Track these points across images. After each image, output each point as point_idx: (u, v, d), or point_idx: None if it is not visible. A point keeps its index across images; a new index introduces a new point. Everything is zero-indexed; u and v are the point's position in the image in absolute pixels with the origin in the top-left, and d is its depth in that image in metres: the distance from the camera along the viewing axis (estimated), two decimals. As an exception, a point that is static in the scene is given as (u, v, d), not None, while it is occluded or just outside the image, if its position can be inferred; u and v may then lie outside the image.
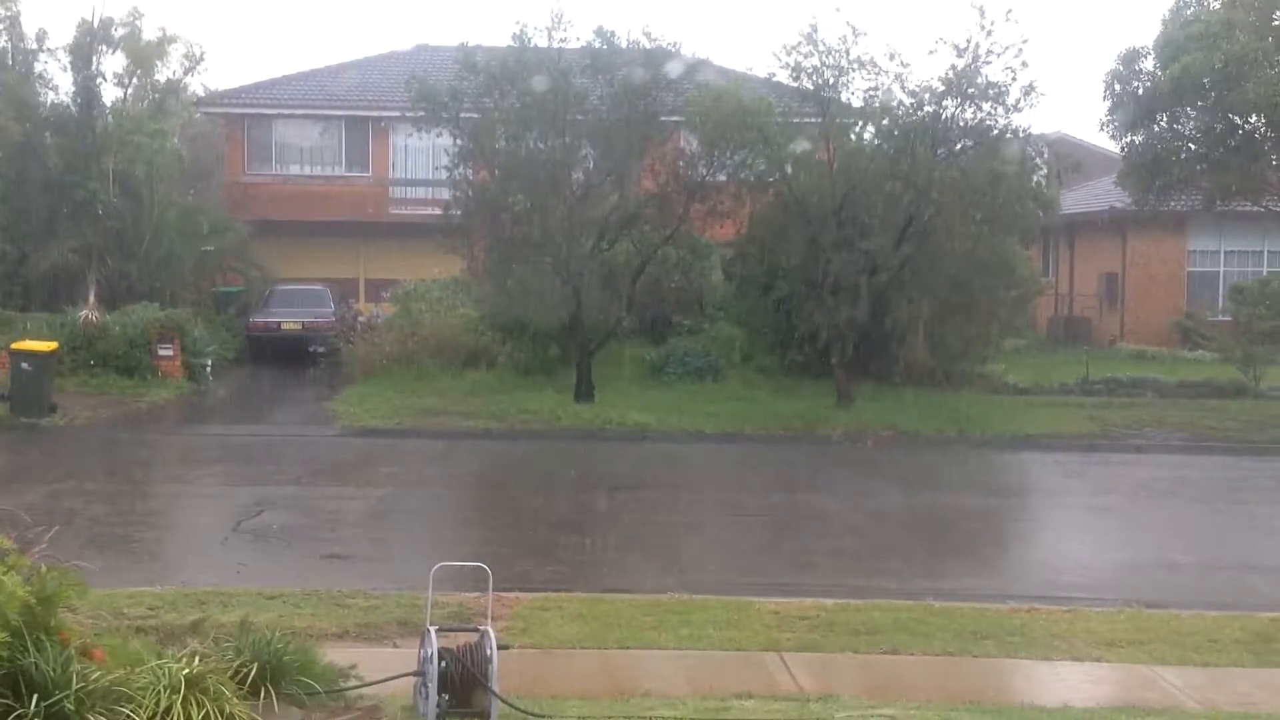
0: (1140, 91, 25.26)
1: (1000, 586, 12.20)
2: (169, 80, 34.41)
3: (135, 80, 33.33)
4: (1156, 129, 25.46)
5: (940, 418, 23.21)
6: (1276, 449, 21.96)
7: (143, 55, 32.88)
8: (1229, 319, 30.00)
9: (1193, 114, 24.61)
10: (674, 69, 24.78)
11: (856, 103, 24.72)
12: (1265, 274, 32.90)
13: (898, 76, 23.90)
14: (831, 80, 24.14)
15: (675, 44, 24.83)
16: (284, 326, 31.14)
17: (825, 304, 24.25)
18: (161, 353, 26.57)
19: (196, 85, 36.45)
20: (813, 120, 24.97)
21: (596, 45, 24.61)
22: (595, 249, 24.62)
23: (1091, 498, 18.25)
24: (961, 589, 11.96)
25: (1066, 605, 11.07)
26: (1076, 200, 34.85)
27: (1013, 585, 12.32)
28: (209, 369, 27.48)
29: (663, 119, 24.97)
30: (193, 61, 34.58)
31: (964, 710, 7.80)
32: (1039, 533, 16.44)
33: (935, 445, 21.93)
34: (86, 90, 31.49)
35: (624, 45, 24.59)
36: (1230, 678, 9.05)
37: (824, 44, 23.95)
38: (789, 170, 24.78)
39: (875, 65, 23.85)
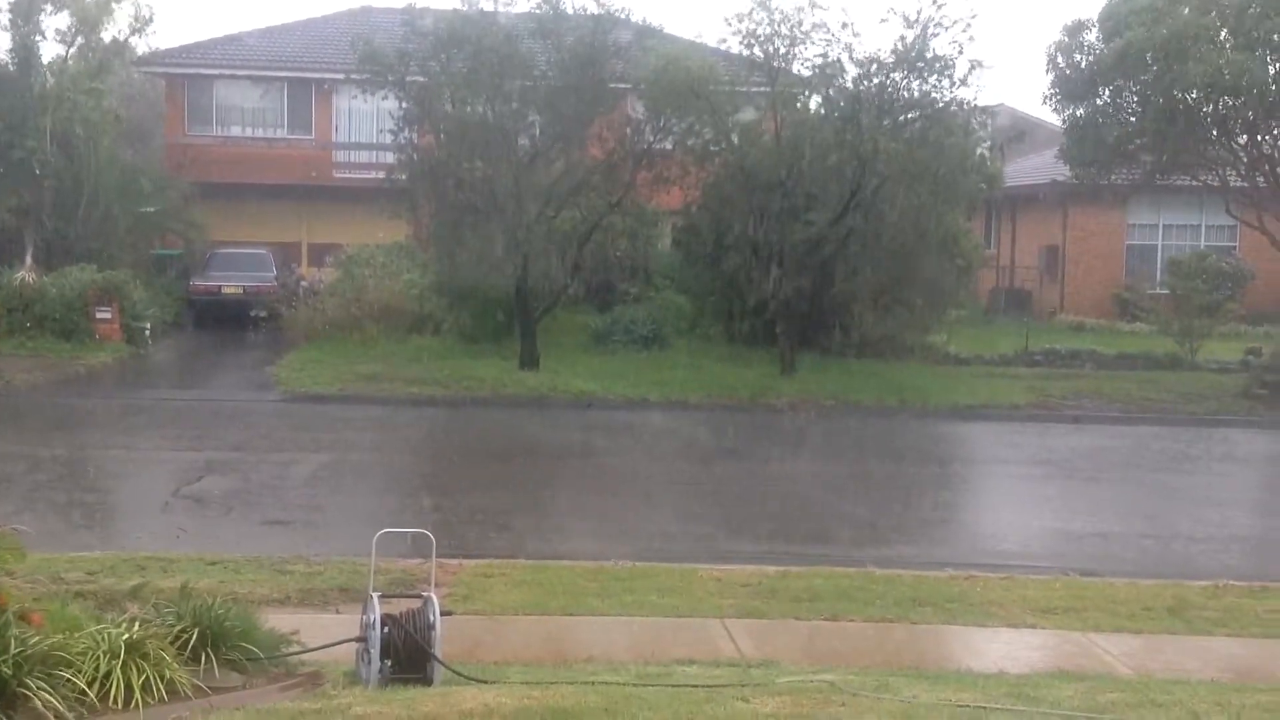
0: (1083, 65, 25.47)
1: (939, 554, 12.36)
2: (114, 40, 33.77)
3: (80, 39, 32.67)
4: (1098, 102, 25.68)
5: (883, 388, 23.40)
6: (1211, 420, 22.34)
7: (88, 14, 32.24)
8: (1167, 292, 30.44)
9: (1134, 88, 24.84)
10: (622, 35, 24.68)
11: (805, 72, 24.76)
12: (1202, 248, 33.41)
13: (847, 46, 24.02)
14: (783, 49, 24.16)
15: (624, 10, 24.73)
16: (225, 290, 30.81)
17: (771, 274, 24.33)
18: (100, 315, 26.22)
19: (142, 45, 35.83)
20: (761, 89, 24.99)
21: (544, 10, 24.44)
22: (541, 215, 24.53)
23: (1029, 467, 18.50)
24: (901, 556, 12.10)
25: (1004, 573, 11.23)
26: (1019, 172, 35.15)
27: (951, 553, 12.49)
28: (148, 332, 27.15)
29: (611, 85, 24.86)
30: (141, 22, 33.94)
31: (903, 675, 7.90)
32: (978, 502, 16.66)
33: (877, 415, 22.11)
34: (24, 48, 30.86)
35: (571, 11, 24.44)
36: (1162, 644, 9.23)
37: (779, 11, 23.99)
38: (735, 139, 24.82)
39: (829, 31, 23.92)
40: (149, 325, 27.26)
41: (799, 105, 25.62)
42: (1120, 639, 9.27)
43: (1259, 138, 24.30)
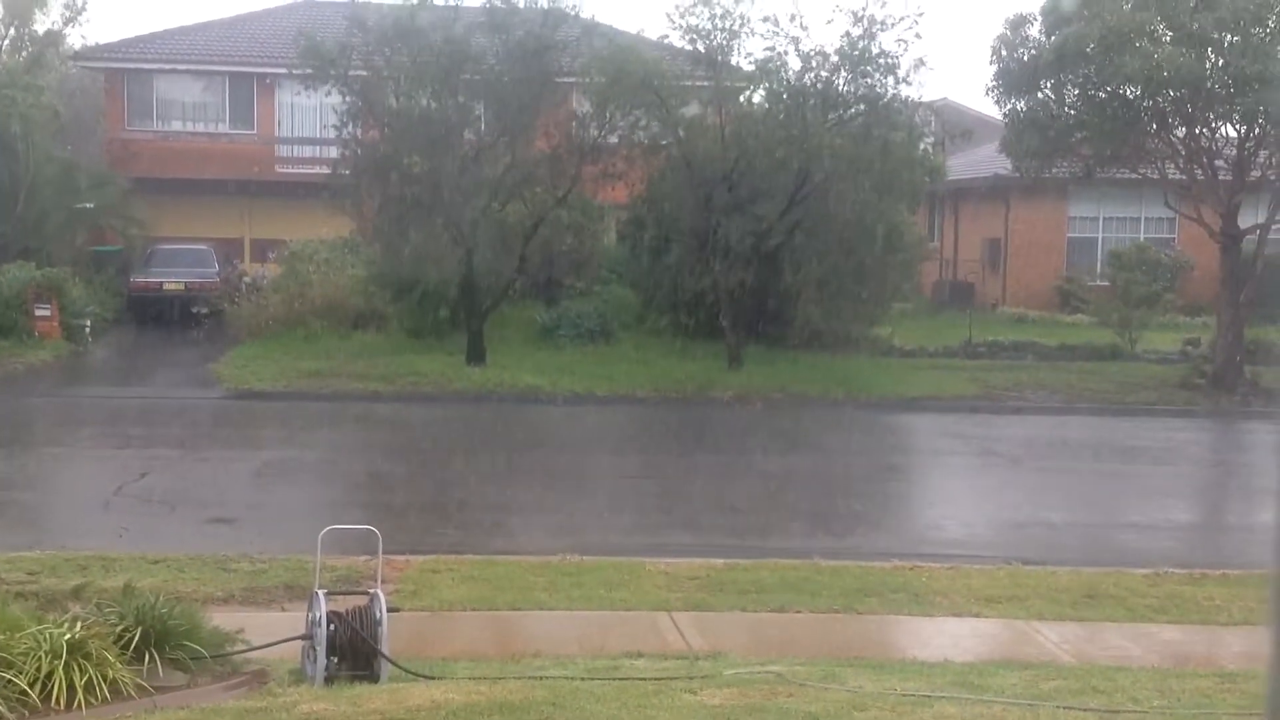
0: (1025, 58, 25.66)
1: (884, 545, 12.45)
2: (48, 32, 33.31)
3: (12, 31, 32.19)
4: (1040, 96, 25.89)
5: (828, 380, 23.53)
6: (1150, 410, 22.63)
7: (18, 5, 31.77)
8: (1107, 284, 30.80)
9: (1075, 82, 25.06)
10: (570, 30, 24.65)
11: (748, 66, 24.86)
12: (1142, 240, 33.84)
13: (793, 39, 24.11)
14: (724, 43, 24.23)
15: (574, 5, 24.74)
16: (166, 287, 30.44)
17: (717, 267, 24.40)
18: (39, 313, 25.84)
19: (76, 38, 35.40)
20: (705, 84, 25.06)
21: (493, 3, 24.34)
22: (487, 209, 24.44)
23: (973, 458, 18.68)
24: (847, 548, 12.18)
25: (948, 563, 11.33)
26: (962, 166, 35.43)
27: (896, 544, 12.59)
28: (88, 330, 26.80)
29: (558, 80, 24.83)
30: (74, 12, 33.51)
31: (849, 665, 7.96)
32: (922, 492, 16.80)
33: (823, 407, 22.23)
34: (-44, 42, 30.41)
35: (520, 4, 24.36)
36: (1104, 632, 9.35)
37: (719, 5, 24.03)
38: (682, 134, 24.87)
39: (776, 23, 24.03)
40: (89, 323, 26.91)
41: (743, 100, 25.70)
42: (1063, 627, 9.38)
43: (1196, 131, 24.60)
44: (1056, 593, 10.26)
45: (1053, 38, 24.55)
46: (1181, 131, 24.90)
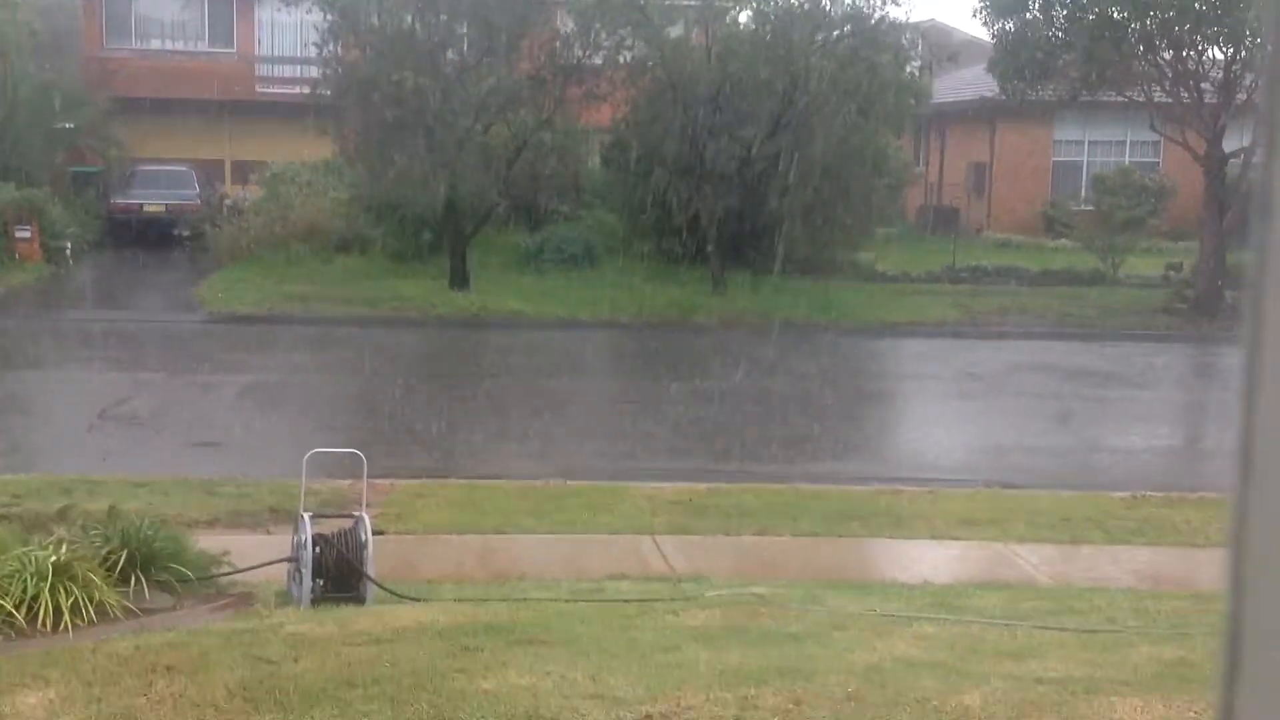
0: (1015, -21, 25.45)
1: (865, 469, 12.55)
2: (24, -53, 32.66)
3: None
4: (1028, 16, 25.71)
5: (811, 305, 23.54)
6: (1131, 334, 22.73)
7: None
8: (1091, 209, 30.77)
9: (1064, 3, 24.88)
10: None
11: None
12: (1127, 164, 33.76)
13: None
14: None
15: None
16: (146, 209, 30.19)
17: (702, 192, 24.29)
18: (19, 235, 25.65)
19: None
20: (692, 3, 24.80)
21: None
22: (471, 131, 24.24)
23: (954, 383, 18.76)
24: (828, 472, 12.27)
25: (928, 486, 11.43)
26: (947, 88, 35.20)
27: (877, 468, 12.69)
28: (69, 252, 26.62)
29: (541, 0, 24.57)
30: (50, -72, 32.86)
31: (830, 586, 8.06)
32: (903, 417, 16.89)
33: (806, 332, 22.26)
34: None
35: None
36: (1081, 554, 9.48)
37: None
38: (667, 54, 24.63)
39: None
40: (69, 245, 26.72)
41: (729, 20, 25.45)
42: (1041, 549, 9.50)
43: (1184, 53, 24.48)
44: (1035, 516, 10.37)
45: (1042, -41, 24.34)
46: (1168, 54, 24.77)
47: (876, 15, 23.64)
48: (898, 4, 23.59)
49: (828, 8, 23.75)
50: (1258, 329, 0.54)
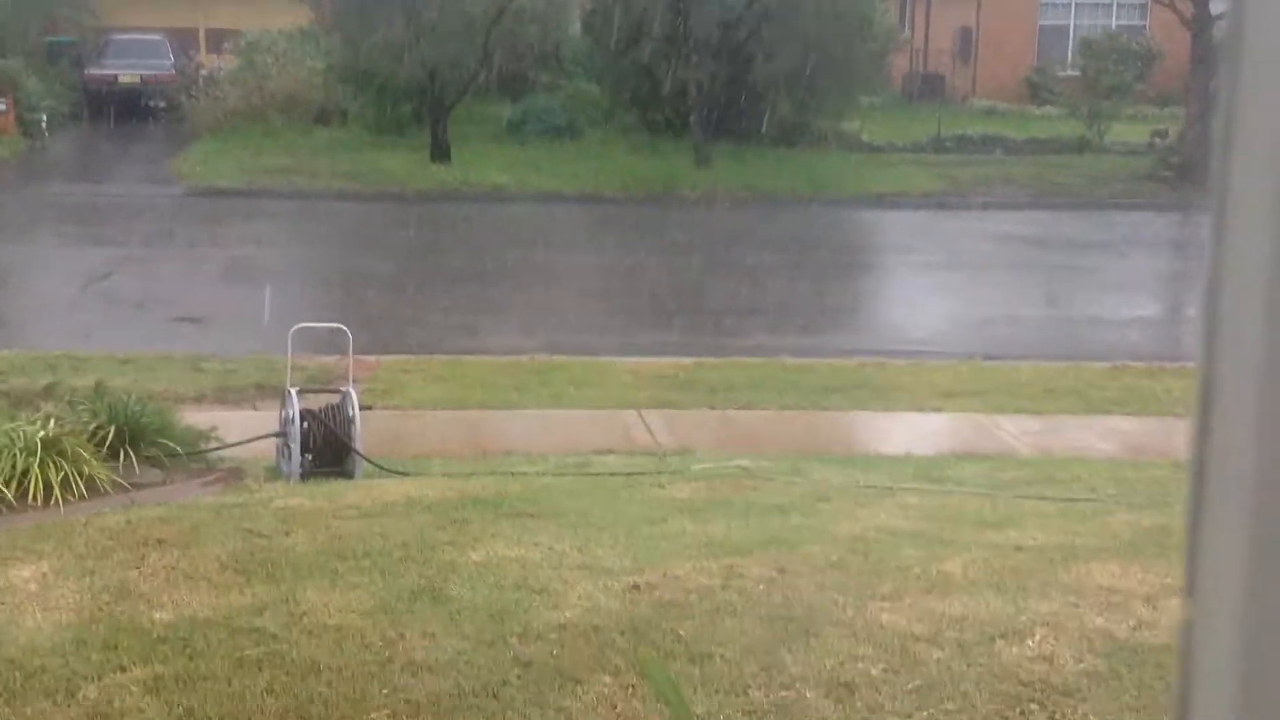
0: None
1: (849, 342, 12.61)
2: None
3: None
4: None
5: (796, 177, 23.39)
6: (1116, 203, 22.68)
7: None
8: (1078, 74, 30.46)
9: None
10: None
11: None
12: (1114, 27, 33.31)
13: None
14: None
15: None
16: (121, 80, 29.64)
17: (685, 60, 23.95)
18: (-7, 108, 25.26)
19: None
20: None
21: None
22: (449, -2, 23.77)
23: (938, 255, 18.75)
24: (812, 345, 12.32)
25: (911, 359, 11.50)
26: (935, -49, 34.61)
27: (861, 341, 12.75)
28: (45, 125, 26.21)
29: None
30: None
31: (814, 459, 8.15)
32: (887, 290, 16.92)
33: (791, 204, 22.16)
34: None
35: None
36: (1062, 424, 9.58)
37: None
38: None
39: None
40: (45, 117, 26.29)
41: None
42: (1022, 420, 9.60)
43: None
44: (1016, 387, 10.46)
45: None
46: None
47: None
48: None
49: None
50: (1224, 189, 0.54)
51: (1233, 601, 0.53)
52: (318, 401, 7.73)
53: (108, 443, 7.13)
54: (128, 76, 29.61)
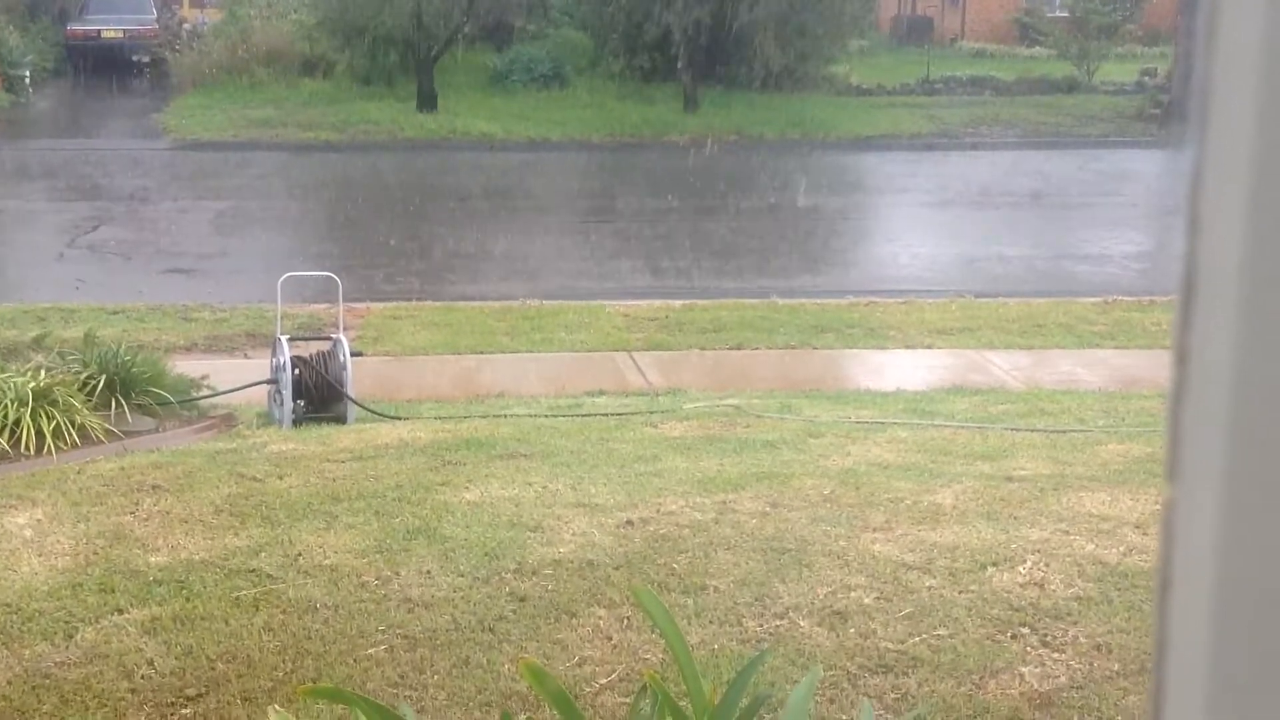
0: None
1: (840, 282, 12.61)
2: None
3: None
4: None
5: (785, 121, 23.31)
6: (1105, 142, 22.66)
7: None
8: (1066, 14, 30.31)
9: None
10: None
11: None
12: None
13: None
14: None
15: None
16: (104, 34, 29.37)
17: (672, 6, 23.79)
18: (-25, 65, 25.05)
19: None
20: None
21: None
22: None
23: (927, 195, 18.72)
24: (804, 286, 12.32)
25: (902, 298, 11.50)
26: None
27: (851, 281, 12.75)
28: (28, 80, 26.00)
29: None
30: None
31: (805, 397, 8.17)
32: (876, 231, 16.89)
33: (779, 149, 22.10)
34: None
35: None
36: (1052, 358, 9.60)
37: None
38: None
39: None
40: (28, 73, 26.08)
41: None
42: (1012, 355, 9.62)
43: None
44: (1007, 323, 10.47)
45: None
46: None
47: None
48: None
49: None
50: (1204, 125, 0.55)
51: (1213, 481, 0.54)
52: (310, 349, 7.73)
53: (98, 391, 7.13)
54: (111, 31, 29.33)
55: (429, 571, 4.91)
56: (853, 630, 4.40)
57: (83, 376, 7.11)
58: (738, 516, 5.44)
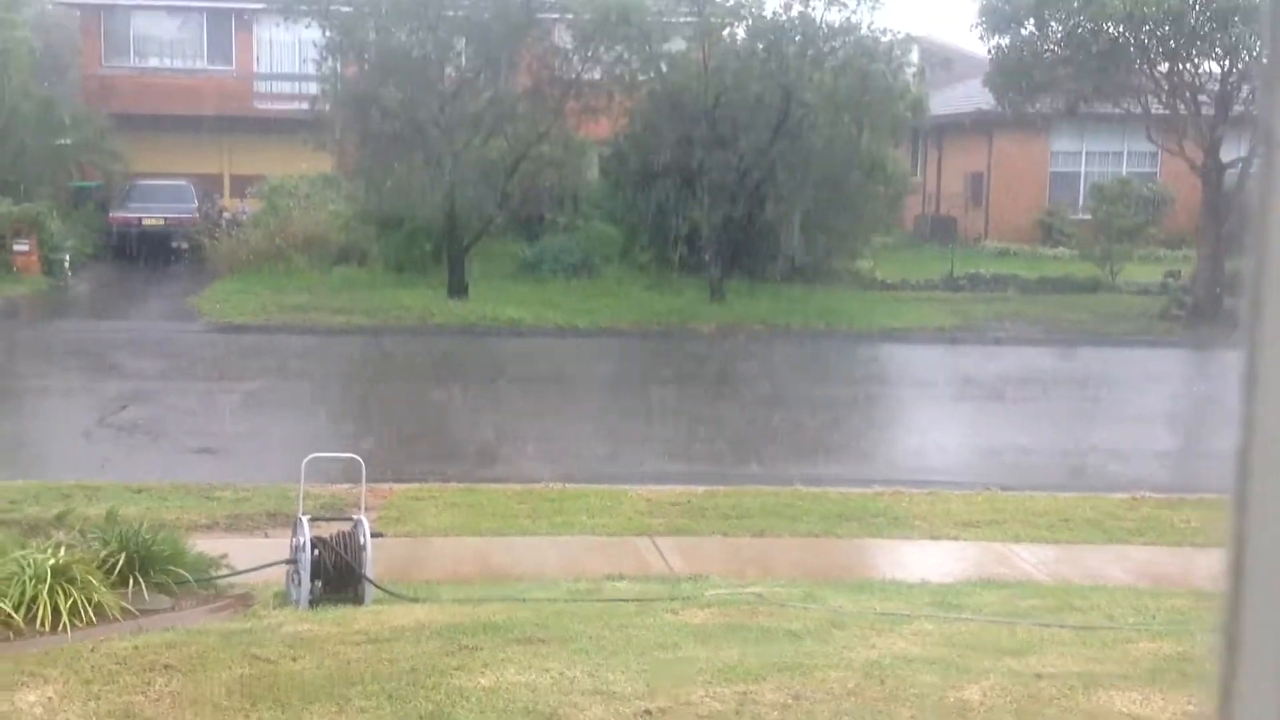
0: (1010, -6, 25.53)
1: (864, 472, 12.54)
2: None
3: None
4: (1024, 33, 25.80)
5: (809, 312, 23.56)
6: (1128, 340, 22.73)
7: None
8: (1089, 217, 30.81)
9: (1059, 18, 24.97)
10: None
11: (730, 2, 24.77)
12: (1125, 174, 33.77)
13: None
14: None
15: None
16: (145, 222, 30.19)
17: (700, 202, 24.35)
18: (17, 248, 25.69)
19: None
20: (689, 19, 24.92)
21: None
22: (469, 145, 24.28)
23: (953, 388, 18.76)
24: (827, 475, 12.25)
25: (927, 489, 11.42)
26: (944, 102, 35.26)
27: (876, 470, 12.67)
28: (68, 264, 26.63)
29: (539, 16, 24.65)
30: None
31: (828, 586, 8.05)
32: (903, 421, 16.88)
33: (804, 339, 22.27)
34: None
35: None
36: (1080, 554, 9.46)
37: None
38: (664, 69, 24.73)
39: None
40: (68, 257, 26.73)
41: (726, 36, 25.56)
42: (1040, 549, 9.49)
43: (1179, 66, 24.55)
44: (1034, 517, 10.36)
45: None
46: (1164, 67, 24.83)
47: (868, 25, 23.83)
48: (880, 6, 23.62)
49: (819, 20, 23.91)
50: (1256, 330, 0.56)
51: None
52: (330, 530, 7.70)
53: (118, 570, 7.10)
54: (152, 219, 30.16)
55: (441, 757, 4.79)
56: (876, 828, 4.24)
57: (103, 554, 7.09)
58: (759, 708, 5.31)
